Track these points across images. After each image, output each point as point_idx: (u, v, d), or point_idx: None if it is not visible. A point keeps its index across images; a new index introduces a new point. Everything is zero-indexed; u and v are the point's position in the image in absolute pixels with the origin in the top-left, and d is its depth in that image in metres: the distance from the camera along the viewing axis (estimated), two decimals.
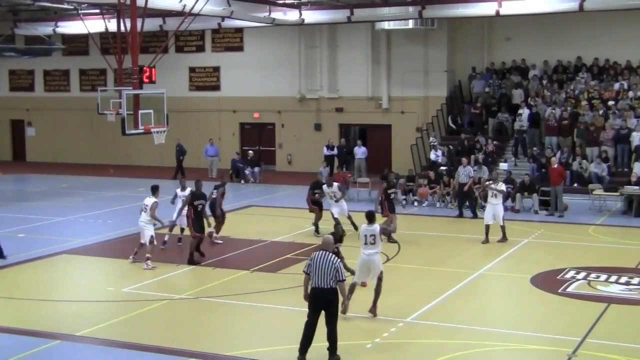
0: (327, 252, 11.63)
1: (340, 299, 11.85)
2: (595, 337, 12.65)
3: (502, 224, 19.67)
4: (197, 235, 17.85)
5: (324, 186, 20.75)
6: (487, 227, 19.66)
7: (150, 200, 17.66)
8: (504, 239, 19.63)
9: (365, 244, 13.62)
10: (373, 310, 13.64)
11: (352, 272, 14.26)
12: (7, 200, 27.25)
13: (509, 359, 12.17)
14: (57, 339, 12.83)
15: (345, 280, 11.67)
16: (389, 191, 20.08)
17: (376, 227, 13.79)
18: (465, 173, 23.91)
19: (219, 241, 19.70)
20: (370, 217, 13.90)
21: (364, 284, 14.10)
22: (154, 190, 17.99)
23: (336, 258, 11.72)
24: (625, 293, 15.34)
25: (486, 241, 19.59)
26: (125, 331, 13.28)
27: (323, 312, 11.51)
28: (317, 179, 22.07)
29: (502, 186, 19.99)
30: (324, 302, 11.45)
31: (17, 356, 12.00)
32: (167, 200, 19.67)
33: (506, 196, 19.72)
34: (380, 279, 13.72)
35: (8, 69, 41.28)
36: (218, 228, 19.86)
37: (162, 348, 12.29)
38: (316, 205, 20.96)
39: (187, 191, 18.83)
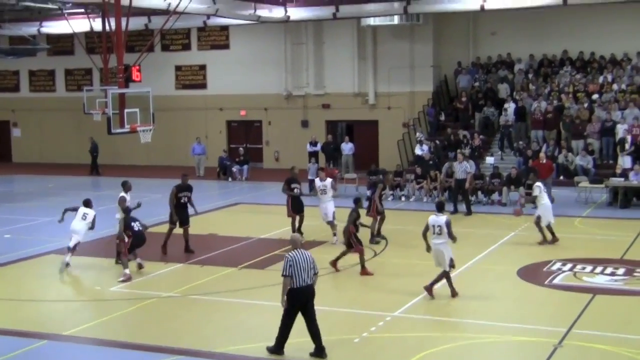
0: (301, 250, 11.68)
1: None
2: (581, 327, 12.75)
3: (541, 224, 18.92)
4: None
5: (316, 180, 20.16)
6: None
7: (119, 195, 17.75)
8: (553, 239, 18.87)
9: (433, 233, 14.23)
10: (429, 289, 14.30)
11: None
12: None
13: (496, 350, 12.24)
14: (45, 338, 12.82)
15: (317, 273, 11.83)
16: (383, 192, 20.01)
17: (443, 217, 14.25)
18: (462, 169, 23.52)
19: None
20: (440, 207, 14.50)
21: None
22: (124, 185, 18.07)
23: (311, 255, 11.75)
24: (610, 284, 15.46)
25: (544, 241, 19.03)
26: (113, 330, 13.29)
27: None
28: (292, 174, 20.39)
29: (536, 190, 19.01)
30: (308, 298, 11.53)
31: (4, 356, 11.97)
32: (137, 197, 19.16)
33: (532, 200, 19.39)
34: (450, 267, 14.26)
35: None
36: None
37: (151, 346, 12.30)
38: (295, 210, 19.87)
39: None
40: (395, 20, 30.99)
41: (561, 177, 26.42)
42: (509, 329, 12.86)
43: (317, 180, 20.10)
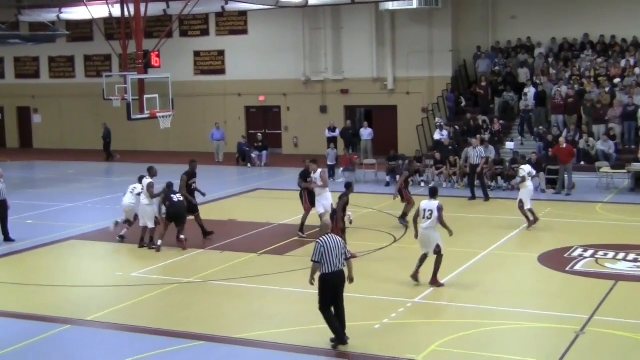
0: (332, 235, 11.60)
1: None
2: (603, 314, 12.68)
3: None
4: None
5: (311, 173, 18.63)
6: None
7: (146, 181, 17.97)
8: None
9: (424, 217, 14.24)
10: (433, 282, 14.24)
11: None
12: (15, 187, 27.27)
13: (517, 337, 12.20)
14: (67, 323, 12.94)
15: (350, 258, 11.72)
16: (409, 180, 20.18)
17: (436, 202, 14.27)
18: (476, 154, 23.59)
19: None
20: (433, 193, 14.57)
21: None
22: (150, 170, 18.34)
23: (341, 239, 11.71)
24: (633, 270, 15.34)
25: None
26: (134, 315, 13.37)
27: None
28: (306, 167, 19.01)
29: (520, 173, 19.54)
30: (339, 284, 11.45)
31: (27, 341, 12.10)
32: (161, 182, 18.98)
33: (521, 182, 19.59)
34: (437, 253, 14.18)
35: (13, 56, 41.28)
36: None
37: (171, 331, 12.36)
38: (313, 203, 18.62)
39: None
40: (414, 4, 30.80)
41: (582, 163, 26.19)
42: (530, 316, 12.81)
43: (311, 174, 18.75)
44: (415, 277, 14.42)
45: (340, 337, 11.44)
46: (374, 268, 15.75)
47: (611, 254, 16.41)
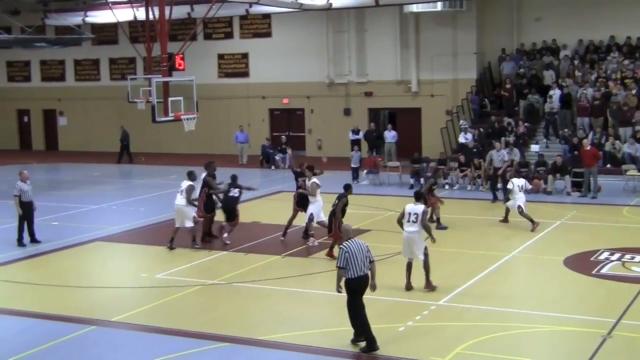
0: (356, 240, 11.54)
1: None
2: (630, 318, 12.54)
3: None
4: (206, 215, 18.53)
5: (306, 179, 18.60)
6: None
7: (186, 184, 17.88)
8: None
9: (408, 221, 14.12)
10: (427, 285, 14.18)
11: None
12: (41, 189, 27.55)
13: (542, 340, 12.10)
14: (93, 324, 13.02)
15: (374, 261, 11.65)
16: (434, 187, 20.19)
17: (421, 206, 14.22)
18: (499, 157, 23.63)
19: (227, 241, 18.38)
20: (417, 197, 14.57)
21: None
22: (190, 174, 18.22)
23: (365, 243, 11.57)
24: None
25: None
26: (159, 316, 13.41)
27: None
28: (302, 169, 19.07)
29: (509, 185, 19.82)
30: (364, 286, 11.42)
31: (53, 342, 12.18)
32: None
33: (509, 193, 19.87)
34: (426, 255, 14.13)
35: (39, 60, 41.66)
36: None
37: (196, 333, 12.39)
38: (300, 204, 18.68)
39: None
40: (438, 6, 30.73)
41: (608, 165, 25.95)
42: (556, 319, 12.71)
43: (306, 179, 18.75)
44: (408, 287, 14.24)
45: (371, 345, 11.32)
46: (397, 271, 15.66)
47: (638, 257, 16.23)
